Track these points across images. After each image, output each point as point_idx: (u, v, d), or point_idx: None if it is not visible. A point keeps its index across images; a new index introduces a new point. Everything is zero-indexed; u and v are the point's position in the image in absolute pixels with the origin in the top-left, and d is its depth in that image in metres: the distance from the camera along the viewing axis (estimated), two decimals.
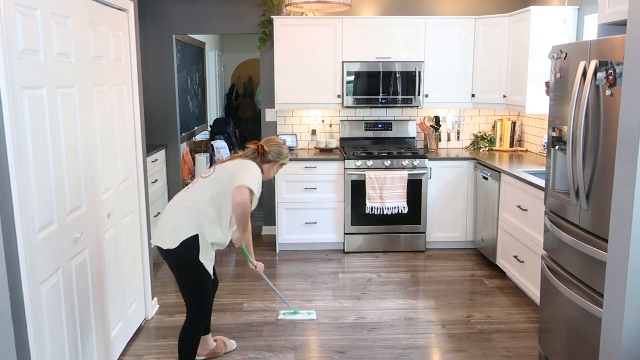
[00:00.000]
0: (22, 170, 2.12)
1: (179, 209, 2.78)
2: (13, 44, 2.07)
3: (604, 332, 2.24)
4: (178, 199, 2.84)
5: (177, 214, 2.77)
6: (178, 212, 2.77)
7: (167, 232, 2.74)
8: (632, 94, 1.99)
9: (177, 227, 2.73)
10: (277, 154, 3.02)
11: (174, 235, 2.72)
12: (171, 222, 2.76)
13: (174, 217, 2.77)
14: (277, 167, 3.07)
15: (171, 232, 2.73)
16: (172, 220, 2.76)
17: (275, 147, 3.02)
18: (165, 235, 2.74)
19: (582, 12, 4.30)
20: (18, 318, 2.12)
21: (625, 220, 2.08)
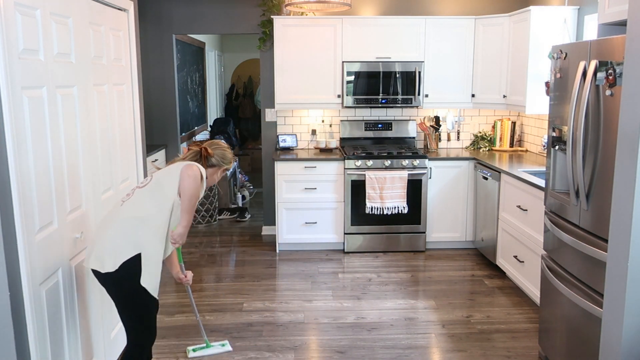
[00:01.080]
0: (22, 170, 2.12)
1: (117, 225, 2.45)
2: (13, 44, 2.07)
3: (604, 332, 2.24)
4: (114, 213, 2.51)
5: (116, 230, 2.44)
6: (117, 229, 2.44)
7: (106, 253, 2.41)
8: (632, 94, 1.99)
9: (116, 247, 2.41)
10: (220, 158, 2.76)
11: (113, 255, 2.40)
12: (110, 241, 2.42)
13: (112, 235, 2.43)
14: (221, 172, 2.81)
15: (110, 252, 2.41)
16: (111, 239, 2.43)
17: (219, 151, 2.76)
18: (105, 255, 2.41)
19: (582, 12, 4.30)
20: (18, 318, 2.12)
21: (625, 220, 2.08)
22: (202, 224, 6.02)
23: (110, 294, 2.49)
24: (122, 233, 2.43)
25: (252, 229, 5.91)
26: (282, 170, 4.98)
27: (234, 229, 5.96)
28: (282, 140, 5.39)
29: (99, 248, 2.43)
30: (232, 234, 5.75)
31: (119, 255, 2.40)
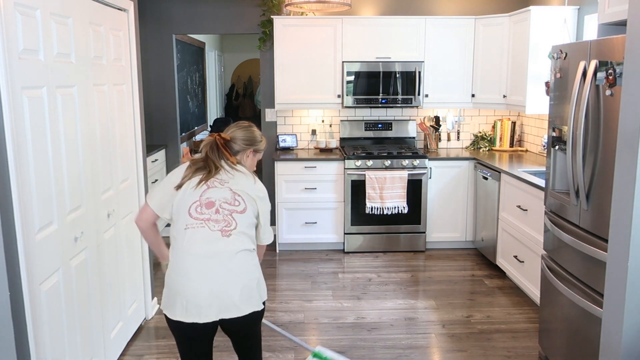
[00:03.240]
0: (22, 170, 2.12)
1: (243, 256, 2.16)
2: (13, 44, 2.07)
3: (604, 332, 2.24)
4: (231, 243, 2.13)
5: (247, 262, 2.17)
6: (247, 261, 2.17)
7: (255, 290, 2.16)
8: (632, 94, 1.99)
9: (259, 281, 2.21)
10: (242, 140, 2.34)
11: (259, 291, 2.19)
12: (251, 276, 2.16)
13: (248, 268, 2.16)
14: (251, 154, 2.39)
15: (257, 287, 2.18)
16: (250, 274, 2.16)
17: (238, 133, 2.35)
18: (253, 293, 2.15)
19: (582, 12, 4.30)
20: (18, 318, 2.12)
21: (625, 220, 2.08)
22: None
23: (248, 334, 2.25)
24: (255, 265, 2.22)
25: None
26: (282, 170, 4.98)
27: None
28: (282, 140, 5.39)
29: (245, 289, 2.13)
30: None
31: (262, 289, 2.22)
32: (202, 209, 2.15)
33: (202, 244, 2.11)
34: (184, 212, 2.16)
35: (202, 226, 2.13)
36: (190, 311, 2.08)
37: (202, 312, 2.08)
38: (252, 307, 2.14)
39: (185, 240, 2.13)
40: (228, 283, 2.10)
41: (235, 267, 2.12)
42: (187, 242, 2.12)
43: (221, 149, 2.28)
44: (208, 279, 2.09)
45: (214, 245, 2.12)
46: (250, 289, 2.15)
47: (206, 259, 2.10)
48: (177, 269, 2.12)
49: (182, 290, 2.09)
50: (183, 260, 2.11)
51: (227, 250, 2.12)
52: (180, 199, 2.18)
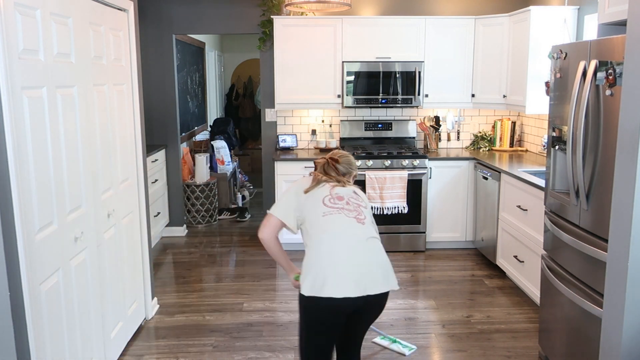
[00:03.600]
0: (22, 170, 2.12)
1: (377, 242, 2.38)
2: (13, 44, 2.07)
3: (604, 332, 2.24)
4: (365, 229, 2.36)
5: (381, 247, 2.38)
6: (381, 246, 2.38)
7: (390, 271, 2.33)
8: (632, 94, 1.99)
9: (389, 264, 2.37)
10: (347, 165, 2.60)
11: (392, 272, 2.36)
12: (386, 258, 2.36)
13: (383, 251, 2.37)
14: (352, 179, 2.65)
15: (391, 268, 2.36)
16: (385, 256, 2.36)
17: (344, 159, 2.62)
18: (389, 274, 2.32)
19: (582, 12, 4.30)
20: (18, 318, 2.12)
21: (625, 220, 2.08)
22: (202, 224, 6.02)
23: (373, 316, 2.39)
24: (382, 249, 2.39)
25: (252, 229, 5.91)
26: (282, 170, 4.98)
27: (234, 229, 5.96)
28: (282, 140, 5.39)
29: (384, 269, 2.30)
30: (232, 234, 5.74)
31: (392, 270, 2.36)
32: (335, 201, 2.39)
33: (342, 227, 2.31)
34: (318, 204, 2.38)
35: (339, 213, 2.34)
36: (340, 286, 2.19)
37: (351, 286, 2.19)
38: (390, 285, 2.29)
39: (326, 225, 2.31)
40: (370, 262, 2.27)
41: (373, 249, 2.32)
42: (328, 226, 2.31)
43: (334, 169, 2.56)
44: (353, 257, 2.25)
45: (352, 229, 2.31)
46: (388, 269, 2.31)
47: (348, 239, 2.28)
48: (321, 251, 2.27)
49: (332, 268, 2.22)
50: (327, 243, 2.27)
51: (365, 234, 2.32)
52: (308, 198, 2.41)
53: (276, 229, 2.45)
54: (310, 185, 2.47)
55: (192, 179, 6.08)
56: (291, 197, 2.45)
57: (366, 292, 2.21)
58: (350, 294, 2.19)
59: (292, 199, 2.45)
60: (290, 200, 2.45)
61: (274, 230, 2.45)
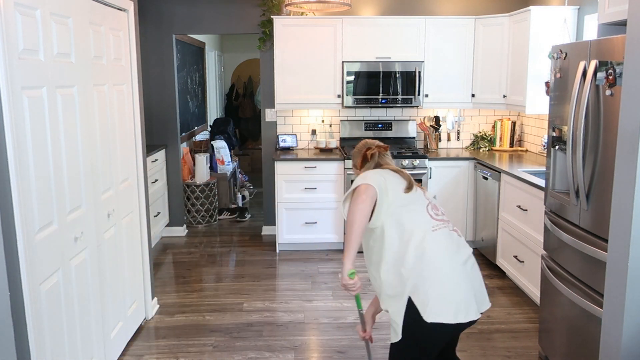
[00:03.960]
0: (22, 170, 2.12)
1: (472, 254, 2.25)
2: (13, 44, 2.07)
3: (604, 332, 2.24)
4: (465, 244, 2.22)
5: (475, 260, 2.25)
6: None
7: (485, 291, 2.21)
8: (632, 94, 1.99)
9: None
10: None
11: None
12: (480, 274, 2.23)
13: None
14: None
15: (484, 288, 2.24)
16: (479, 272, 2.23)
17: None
18: (485, 294, 2.20)
19: (582, 12, 4.30)
20: (18, 318, 2.12)
21: (625, 220, 2.08)
22: (202, 224, 6.02)
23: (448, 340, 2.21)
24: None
25: (252, 229, 5.91)
26: (282, 170, 4.98)
27: (234, 229, 5.96)
28: (282, 140, 5.39)
29: (480, 291, 2.17)
30: (232, 234, 5.75)
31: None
32: (434, 210, 2.20)
33: (452, 245, 2.13)
34: (422, 213, 2.16)
35: (444, 227, 2.16)
36: (461, 311, 2.06)
37: (470, 310, 2.08)
38: (488, 301, 2.21)
39: (440, 241, 2.11)
40: (478, 280, 2.17)
41: (475, 265, 2.20)
42: (442, 243, 2.11)
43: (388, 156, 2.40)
44: (469, 278, 2.11)
45: (457, 245, 2.15)
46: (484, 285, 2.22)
47: (460, 259, 2.12)
48: (446, 275, 2.07)
49: (454, 292, 2.06)
50: (449, 265, 2.08)
51: (467, 249, 2.18)
52: (405, 199, 2.17)
53: (373, 203, 2.10)
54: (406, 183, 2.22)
55: (192, 179, 6.09)
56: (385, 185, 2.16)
57: (477, 314, 2.11)
58: (472, 317, 2.09)
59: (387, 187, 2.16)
60: (387, 186, 2.16)
61: (372, 202, 2.10)
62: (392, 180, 2.21)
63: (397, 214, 2.14)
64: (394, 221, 2.14)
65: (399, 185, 2.21)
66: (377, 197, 2.12)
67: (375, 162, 2.34)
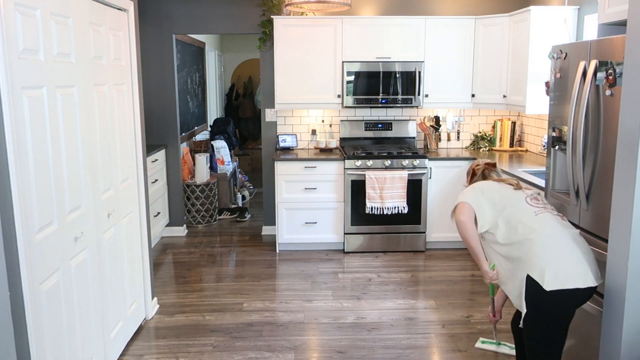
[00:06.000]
0: (22, 170, 2.12)
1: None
2: (13, 44, 2.07)
3: (604, 332, 2.24)
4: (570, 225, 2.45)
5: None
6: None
7: (595, 265, 2.34)
8: (632, 94, 1.99)
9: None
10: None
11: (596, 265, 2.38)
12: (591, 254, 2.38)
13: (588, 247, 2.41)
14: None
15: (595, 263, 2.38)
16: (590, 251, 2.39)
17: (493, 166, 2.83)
18: (596, 268, 2.33)
19: (582, 12, 4.30)
20: (18, 318, 2.12)
21: (625, 220, 2.08)
22: (202, 224, 6.02)
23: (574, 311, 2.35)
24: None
25: (252, 229, 5.91)
26: (282, 170, 4.98)
27: (234, 229, 5.96)
28: (282, 140, 5.39)
29: (593, 263, 2.32)
30: (232, 234, 5.75)
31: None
32: (534, 201, 2.46)
33: (557, 224, 2.36)
34: (521, 204, 2.44)
35: (547, 211, 2.42)
36: (582, 276, 2.23)
37: (590, 275, 2.25)
38: (600, 276, 2.33)
39: (543, 221, 2.36)
40: (589, 253, 2.33)
41: (584, 241, 2.39)
42: (546, 222, 2.36)
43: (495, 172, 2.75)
44: (581, 248, 2.31)
45: (562, 225, 2.38)
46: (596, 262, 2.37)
47: (569, 233, 2.34)
48: (551, 245, 2.29)
49: (571, 259, 2.26)
50: (554, 238, 2.31)
51: (574, 229, 2.40)
52: (503, 197, 2.48)
53: (472, 216, 2.48)
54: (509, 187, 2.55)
55: (192, 179, 6.09)
56: (480, 197, 2.50)
57: (595, 282, 2.26)
58: (590, 283, 2.24)
59: (482, 199, 2.50)
60: (481, 199, 2.50)
61: (472, 216, 2.48)
62: (490, 189, 2.54)
63: (501, 214, 2.44)
64: (501, 219, 2.43)
65: (498, 191, 2.52)
66: (475, 210, 2.48)
67: (481, 176, 2.70)
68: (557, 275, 2.23)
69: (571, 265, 2.25)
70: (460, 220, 2.48)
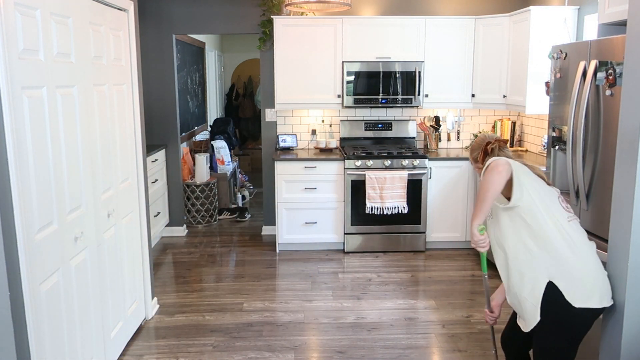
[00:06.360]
0: (22, 170, 2.12)
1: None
2: (13, 44, 2.07)
3: (604, 332, 2.24)
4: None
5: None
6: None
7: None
8: (632, 94, 1.99)
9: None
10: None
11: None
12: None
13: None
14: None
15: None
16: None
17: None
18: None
19: (582, 12, 4.30)
20: (18, 318, 2.12)
21: (625, 220, 2.08)
22: (202, 224, 6.02)
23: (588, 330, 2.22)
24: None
25: (252, 229, 5.91)
26: (282, 170, 4.98)
27: (234, 229, 5.96)
28: (282, 140, 5.39)
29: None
30: (232, 234, 5.75)
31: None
32: (565, 204, 2.25)
33: (586, 235, 2.22)
34: (555, 203, 2.19)
35: (575, 219, 2.23)
36: (602, 297, 2.14)
37: (607, 296, 2.17)
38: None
39: (576, 231, 2.18)
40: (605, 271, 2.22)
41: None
42: (579, 234, 2.18)
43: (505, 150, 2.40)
44: (601, 267, 2.19)
45: (586, 237, 2.23)
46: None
47: (594, 248, 2.20)
48: (586, 260, 2.14)
49: (597, 279, 2.14)
50: (586, 252, 2.16)
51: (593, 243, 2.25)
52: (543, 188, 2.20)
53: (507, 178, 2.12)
54: (537, 175, 2.25)
55: (192, 179, 6.08)
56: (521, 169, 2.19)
57: (610, 302, 2.19)
58: (609, 302, 2.17)
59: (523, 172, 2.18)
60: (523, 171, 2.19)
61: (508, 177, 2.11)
62: (525, 168, 2.22)
63: (540, 198, 2.15)
64: (540, 203, 2.14)
65: (531, 174, 2.21)
66: (513, 174, 2.12)
67: (496, 155, 2.32)
68: (587, 294, 2.11)
69: (599, 284, 2.14)
70: (499, 170, 2.09)
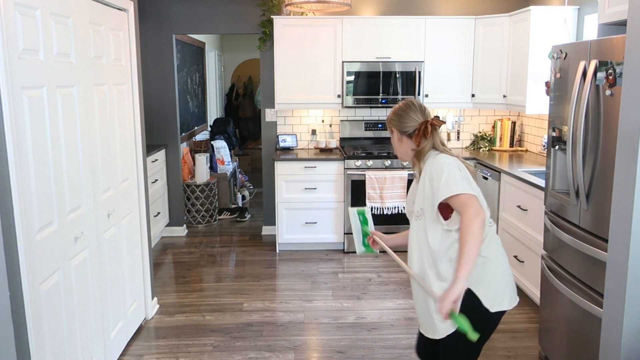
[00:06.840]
0: (22, 170, 2.12)
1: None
2: (13, 44, 2.07)
3: (604, 332, 2.24)
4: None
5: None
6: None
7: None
8: (632, 94, 1.99)
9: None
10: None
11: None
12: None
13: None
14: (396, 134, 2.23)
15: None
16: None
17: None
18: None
19: (582, 12, 4.30)
20: (18, 318, 2.12)
21: (625, 220, 2.08)
22: (202, 224, 6.02)
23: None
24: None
25: (252, 229, 5.91)
26: (282, 170, 4.98)
27: (234, 229, 5.96)
28: (282, 140, 5.39)
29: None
30: (232, 234, 5.74)
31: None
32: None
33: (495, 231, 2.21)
34: (487, 208, 2.06)
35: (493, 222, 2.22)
36: (512, 298, 2.17)
37: (515, 295, 2.20)
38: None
39: (495, 235, 2.18)
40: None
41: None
42: (497, 237, 2.19)
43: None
44: (509, 265, 2.22)
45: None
46: None
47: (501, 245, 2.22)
48: (502, 263, 2.16)
49: (510, 281, 2.18)
50: (503, 255, 2.18)
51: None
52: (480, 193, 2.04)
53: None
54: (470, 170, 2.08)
55: (192, 179, 6.08)
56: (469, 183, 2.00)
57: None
58: (517, 299, 2.20)
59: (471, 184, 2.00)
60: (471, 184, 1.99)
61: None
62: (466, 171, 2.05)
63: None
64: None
65: (473, 182, 2.03)
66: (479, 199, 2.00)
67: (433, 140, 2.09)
68: (495, 294, 2.09)
69: (511, 282, 2.17)
70: (482, 219, 1.89)
